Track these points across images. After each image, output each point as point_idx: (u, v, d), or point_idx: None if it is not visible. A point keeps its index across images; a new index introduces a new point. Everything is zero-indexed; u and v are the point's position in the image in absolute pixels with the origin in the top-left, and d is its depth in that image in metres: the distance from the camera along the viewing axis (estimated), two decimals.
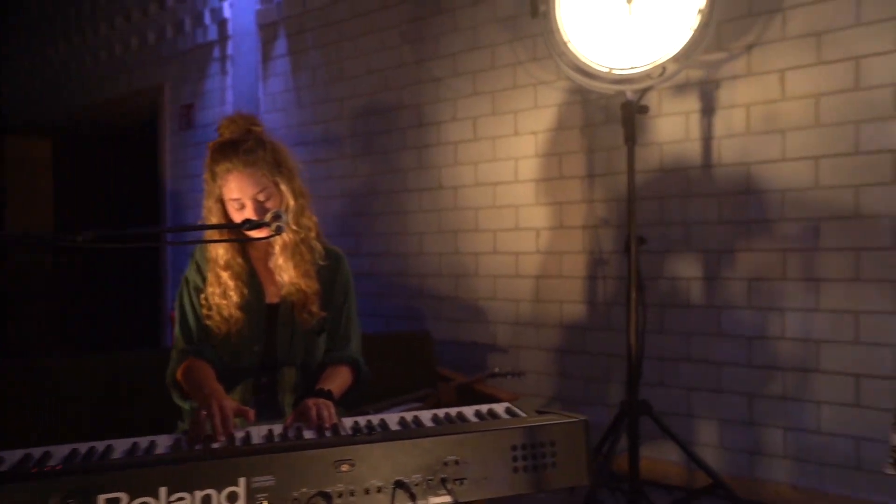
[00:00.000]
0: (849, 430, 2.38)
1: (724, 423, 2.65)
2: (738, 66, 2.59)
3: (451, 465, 1.11)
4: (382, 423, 1.30)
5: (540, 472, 1.16)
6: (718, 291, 2.66)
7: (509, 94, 3.17)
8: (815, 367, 2.45)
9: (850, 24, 2.36)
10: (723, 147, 2.64)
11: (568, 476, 1.17)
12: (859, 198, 2.36)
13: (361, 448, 1.09)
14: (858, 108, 2.35)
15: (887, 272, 2.31)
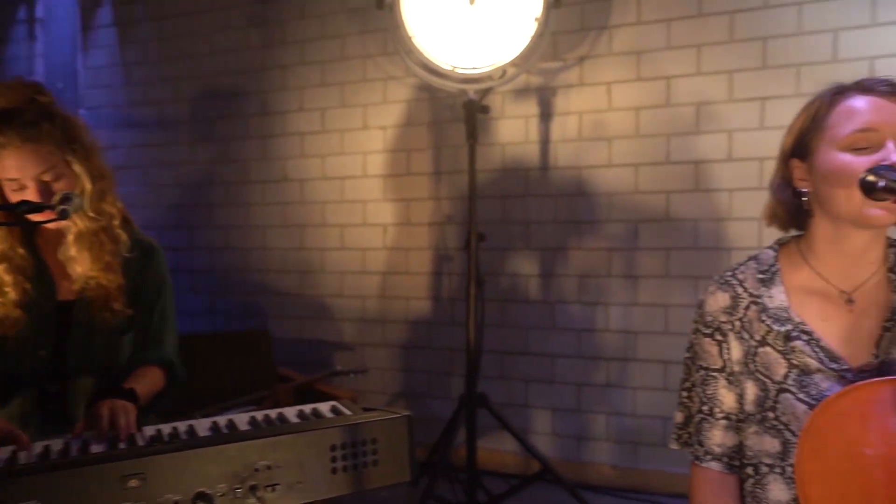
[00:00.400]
0: (659, 412, 2.72)
1: (556, 411, 2.91)
2: (572, 76, 2.85)
3: (262, 471, 1.09)
4: (190, 429, 1.23)
5: (360, 471, 1.16)
6: (553, 287, 2.91)
7: (359, 87, 3.22)
8: (633, 356, 2.77)
9: (663, 48, 2.70)
10: (558, 151, 2.89)
11: (390, 474, 1.20)
12: (669, 203, 2.71)
13: (154, 459, 1.02)
14: (669, 123, 2.70)
15: (690, 269, 2.67)
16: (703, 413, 1.16)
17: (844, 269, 1.08)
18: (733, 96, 2.63)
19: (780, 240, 1.18)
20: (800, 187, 1.09)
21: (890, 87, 1.02)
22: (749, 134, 2.60)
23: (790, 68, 2.55)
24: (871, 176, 0.95)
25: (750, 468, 1.10)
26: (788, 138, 1.11)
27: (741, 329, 1.12)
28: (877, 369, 1.02)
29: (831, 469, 0.90)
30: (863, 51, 2.45)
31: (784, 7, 2.56)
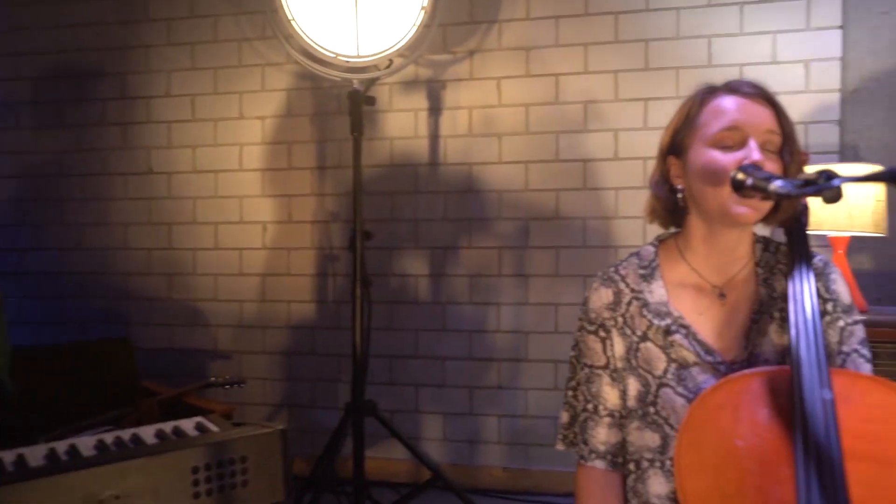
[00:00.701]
0: (550, 412, 2.77)
1: (447, 416, 2.88)
2: (462, 69, 2.84)
3: (108, 503, 1.01)
4: (19, 459, 1.12)
5: (227, 493, 1.11)
6: (443, 287, 2.88)
7: (233, 73, 3.04)
8: (524, 356, 2.81)
9: (551, 45, 2.76)
10: (448, 146, 2.87)
11: (261, 494, 1.15)
12: (559, 201, 2.77)
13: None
14: (558, 120, 2.76)
15: (579, 267, 2.75)
16: (588, 412, 1.18)
17: (717, 265, 1.13)
18: (618, 96, 2.73)
19: (659, 236, 1.22)
20: (676, 184, 1.14)
21: (754, 88, 1.09)
22: (633, 134, 2.71)
23: (670, 71, 2.68)
24: (741, 174, 0.99)
25: (632, 464, 1.13)
26: (665, 136, 1.16)
27: (623, 325, 1.15)
28: (747, 361, 1.07)
29: (707, 461, 0.93)
30: (733, 57, 2.63)
31: (664, 11, 2.68)
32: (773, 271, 1.13)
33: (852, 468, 0.86)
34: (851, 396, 0.92)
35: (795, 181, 0.88)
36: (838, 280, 1.12)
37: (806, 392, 0.91)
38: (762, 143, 1.04)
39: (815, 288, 1.03)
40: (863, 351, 1.09)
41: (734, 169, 1.01)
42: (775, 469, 0.90)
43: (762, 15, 2.61)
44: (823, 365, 0.94)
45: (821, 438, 0.88)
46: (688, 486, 0.92)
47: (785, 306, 1.08)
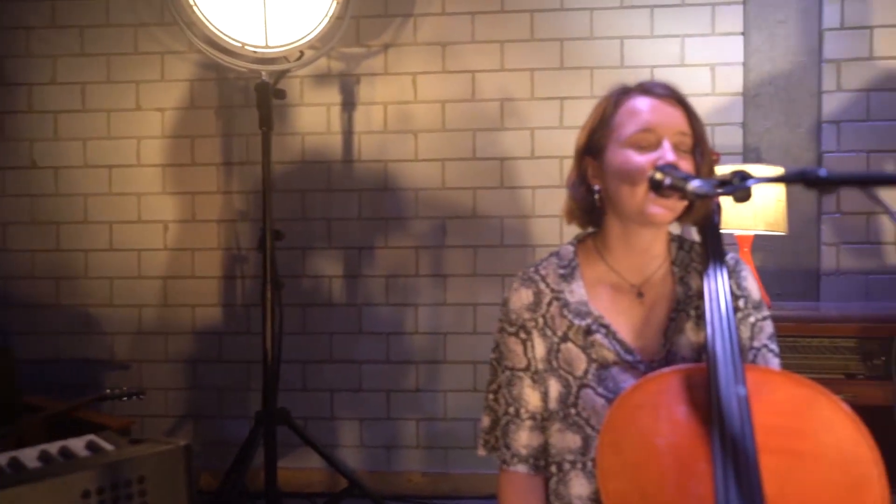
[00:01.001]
0: (469, 414, 2.76)
1: (364, 421, 2.82)
2: (377, 64, 2.78)
3: None
4: None
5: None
6: (359, 289, 2.81)
7: (129, 61, 2.85)
8: (442, 358, 2.78)
9: (467, 41, 2.75)
10: (362, 143, 2.80)
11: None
12: (476, 199, 2.76)
13: None
14: (474, 118, 2.76)
15: (497, 267, 2.75)
16: (510, 415, 1.17)
17: (634, 264, 1.15)
18: (535, 94, 2.75)
19: (578, 236, 1.24)
20: (593, 184, 1.15)
21: (666, 90, 1.12)
22: (549, 132, 2.74)
23: (584, 70, 2.73)
24: (659, 174, 1.01)
25: (553, 466, 1.13)
26: (582, 136, 1.17)
27: (544, 325, 1.15)
28: (664, 359, 1.10)
29: (627, 461, 0.94)
30: (644, 59, 2.71)
31: (578, 11, 2.73)
32: (688, 270, 1.16)
33: (765, 462, 0.89)
34: (763, 392, 0.95)
35: (712, 181, 0.90)
36: (748, 277, 1.16)
37: (722, 389, 0.94)
38: (675, 144, 1.06)
39: (729, 286, 1.06)
40: (772, 346, 1.13)
41: (650, 169, 1.03)
42: (693, 466, 0.91)
43: (671, 19, 2.70)
44: (738, 362, 0.97)
45: (736, 434, 0.90)
46: (609, 486, 0.92)
47: (700, 304, 1.11)
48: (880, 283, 2.63)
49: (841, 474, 0.87)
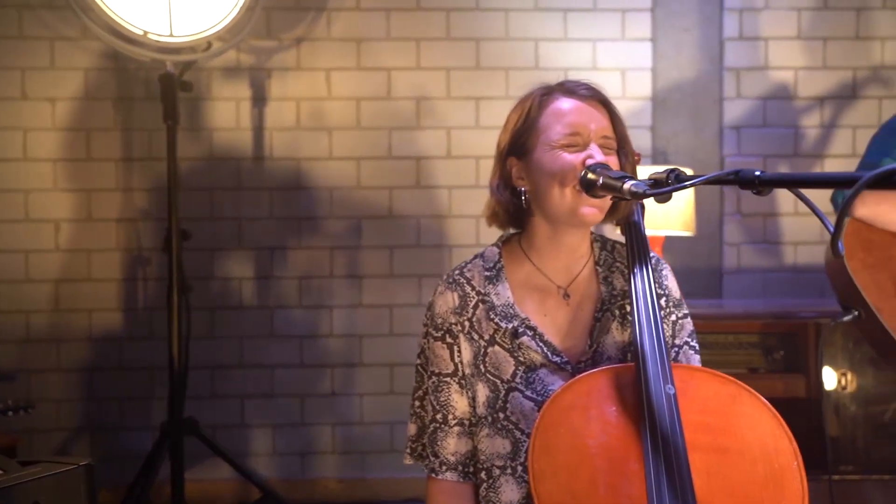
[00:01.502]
0: (386, 417, 2.73)
1: (277, 428, 2.73)
2: (289, 58, 2.70)
3: None
4: None
5: None
6: (271, 291, 2.73)
7: (13, 46, 2.64)
8: (358, 360, 2.74)
9: (383, 38, 2.71)
10: (274, 139, 2.72)
11: None
12: (392, 199, 2.74)
13: None
14: (390, 116, 2.73)
15: (413, 268, 2.74)
16: (437, 422, 1.14)
17: (561, 265, 1.14)
18: (451, 94, 2.75)
19: (502, 237, 1.21)
20: (518, 186, 1.12)
21: (589, 90, 1.12)
22: (466, 132, 2.75)
23: (500, 71, 2.76)
24: (591, 174, 1.00)
25: (483, 472, 1.10)
26: (504, 136, 1.14)
27: (470, 329, 1.12)
28: (591, 360, 1.09)
29: (559, 464, 0.93)
30: (558, 61, 2.76)
31: (493, 12, 2.75)
32: (612, 269, 1.16)
33: (693, 460, 0.90)
34: (689, 389, 0.96)
35: (646, 181, 0.89)
36: (669, 276, 1.18)
37: (651, 388, 0.94)
38: (601, 145, 1.06)
39: (654, 285, 1.07)
40: (693, 343, 1.15)
41: (580, 169, 1.02)
42: (625, 466, 0.91)
43: (583, 23, 2.77)
44: (666, 360, 0.97)
45: (666, 433, 0.91)
46: (541, 490, 0.91)
47: (624, 303, 1.12)
48: (777, 280, 2.80)
49: (764, 468, 0.90)
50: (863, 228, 1.77)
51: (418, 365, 1.19)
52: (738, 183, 0.74)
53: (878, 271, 1.79)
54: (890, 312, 1.77)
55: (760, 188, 0.72)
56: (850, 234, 1.83)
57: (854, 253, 1.80)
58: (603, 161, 1.03)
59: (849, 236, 1.83)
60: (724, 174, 0.77)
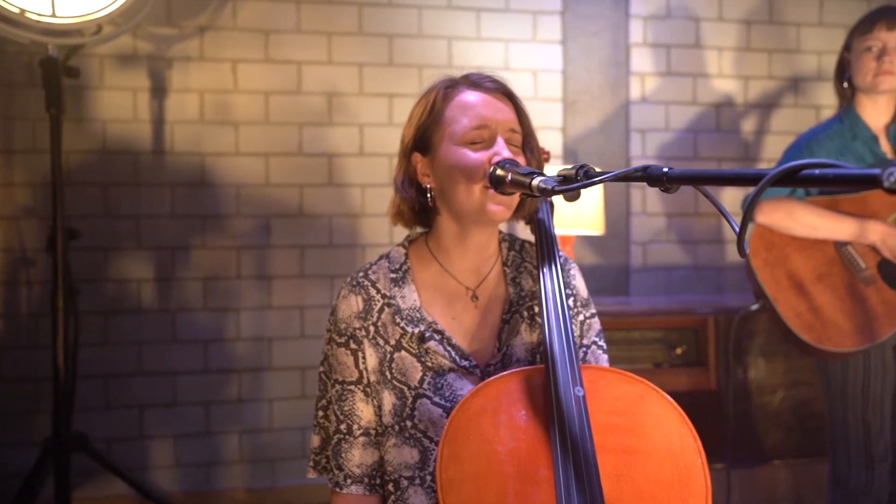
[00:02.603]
0: (297, 423, 2.63)
1: (179, 438, 2.58)
2: (192, 47, 2.56)
3: None
4: None
5: None
6: (173, 293, 2.57)
7: None
8: (268, 364, 2.62)
9: (292, 30, 2.61)
10: (176, 133, 2.56)
11: None
12: (303, 197, 2.64)
13: None
14: (300, 111, 2.63)
15: (325, 268, 2.65)
16: (342, 433, 1.07)
17: (470, 266, 1.10)
18: (363, 90, 2.68)
19: (409, 237, 1.16)
20: (424, 183, 1.07)
21: (494, 83, 1.08)
22: (378, 129, 2.69)
23: (413, 68, 2.72)
24: (500, 170, 0.96)
25: (391, 484, 1.05)
26: (408, 132, 1.09)
27: (375, 334, 1.07)
28: (500, 363, 1.05)
29: (468, 472, 0.89)
30: (471, 60, 2.75)
31: (406, 8, 2.71)
32: (520, 270, 1.13)
33: (602, 462, 0.89)
34: (597, 391, 0.95)
35: (555, 177, 0.86)
36: (577, 276, 1.15)
37: (561, 391, 0.91)
38: (507, 140, 1.02)
39: (563, 285, 1.04)
40: (600, 343, 1.13)
41: (488, 166, 0.98)
42: (534, 472, 0.88)
43: (496, 23, 2.78)
44: (575, 362, 0.95)
45: (576, 436, 0.88)
46: (450, 500, 0.86)
47: (533, 304, 1.09)
48: (679, 277, 2.91)
49: (670, 467, 0.89)
50: (765, 231, 1.93)
51: (321, 373, 1.13)
52: (647, 179, 0.72)
53: (776, 268, 1.91)
54: (784, 303, 1.90)
55: (668, 185, 0.70)
56: (756, 236, 1.96)
57: (758, 252, 1.94)
58: (510, 157, 0.99)
59: (754, 238, 1.96)
60: (632, 171, 0.74)
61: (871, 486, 1.85)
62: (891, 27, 1.80)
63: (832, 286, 1.86)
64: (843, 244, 1.87)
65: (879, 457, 1.85)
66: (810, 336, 1.85)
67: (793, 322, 1.87)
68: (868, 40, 1.83)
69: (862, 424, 1.85)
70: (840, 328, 1.84)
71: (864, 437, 1.85)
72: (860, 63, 1.85)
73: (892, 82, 1.82)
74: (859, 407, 1.85)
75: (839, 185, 0.53)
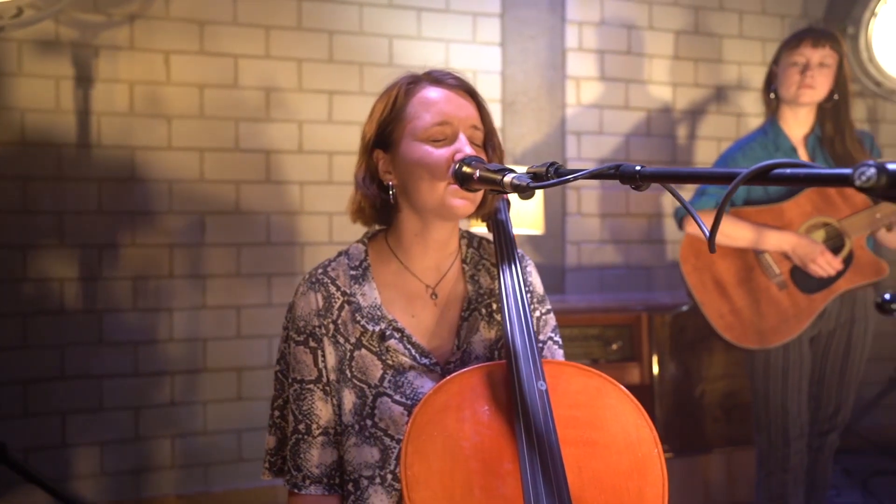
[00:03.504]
0: (233, 425, 2.55)
1: (107, 445, 2.45)
2: (120, 36, 2.44)
3: None
4: None
5: None
6: (100, 293, 2.44)
7: None
8: (202, 366, 2.53)
9: (228, 22, 2.54)
10: (103, 125, 2.44)
11: None
12: (239, 193, 2.57)
13: None
14: (237, 106, 2.55)
15: (263, 266, 2.58)
16: (300, 433, 1.04)
17: (430, 263, 1.09)
18: (303, 86, 2.63)
19: (368, 233, 1.14)
20: (385, 180, 1.06)
21: (456, 80, 1.08)
22: (318, 126, 2.64)
23: (354, 66, 2.69)
24: (467, 167, 0.96)
25: (350, 484, 1.03)
26: (370, 128, 1.07)
27: (335, 332, 1.04)
28: (460, 361, 1.06)
29: (433, 468, 0.89)
30: (412, 59, 2.75)
31: (347, 5, 2.68)
32: (479, 267, 1.13)
33: (564, 454, 0.90)
34: (558, 384, 0.96)
35: (527, 174, 0.85)
36: (533, 272, 1.17)
37: (525, 386, 0.92)
38: (469, 136, 1.02)
39: (522, 281, 1.05)
40: (556, 338, 1.15)
41: (451, 162, 0.98)
42: (499, 466, 0.89)
43: (437, 23, 2.78)
44: (537, 357, 0.96)
45: (540, 430, 0.89)
46: (415, 497, 0.86)
47: (491, 302, 1.09)
48: (612, 276, 3.01)
49: (629, 458, 0.92)
50: (694, 240, 2.05)
51: (277, 372, 1.09)
52: (619, 177, 0.73)
53: (703, 273, 2.04)
54: (709, 306, 2.03)
55: (640, 182, 0.72)
56: (685, 244, 2.08)
57: (687, 259, 2.06)
58: (473, 154, 0.99)
59: (684, 246, 2.08)
60: (605, 168, 0.75)
61: (789, 462, 1.99)
62: (815, 45, 1.93)
63: (751, 290, 1.99)
64: (760, 252, 1.99)
65: (795, 435, 1.99)
66: (731, 335, 1.99)
67: (716, 322, 2.00)
68: (794, 55, 1.95)
69: (782, 409, 1.99)
70: (757, 328, 1.97)
71: (783, 420, 1.98)
72: (786, 76, 1.97)
73: (812, 96, 1.95)
74: (780, 394, 1.98)
75: (810, 184, 0.56)
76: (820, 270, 1.90)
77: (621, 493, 0.89)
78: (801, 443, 2.00)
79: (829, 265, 1.89)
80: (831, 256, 1.90)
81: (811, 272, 1.92)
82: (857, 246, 1.96)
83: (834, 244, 1.97)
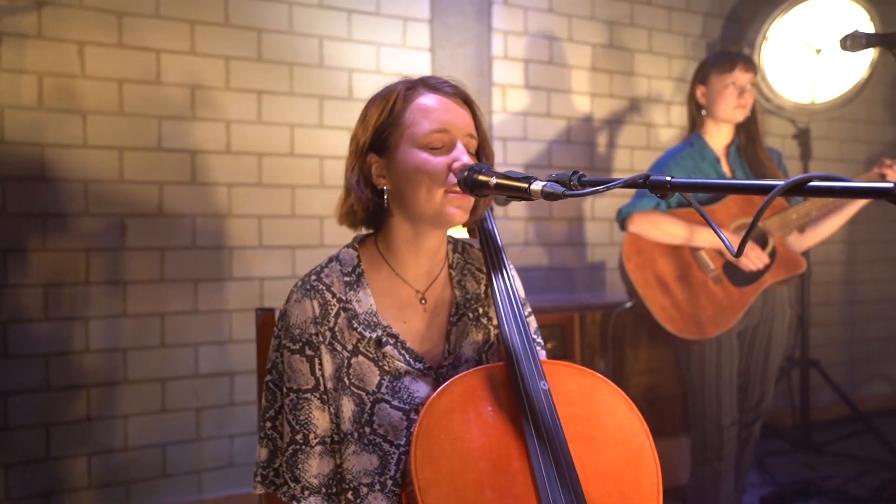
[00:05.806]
0: (157, 439, 2.41)
1: (12, 467, 2.24)
2: (27, 23, 2.24)
3: None
4: None
5: None
6: (4, 301, 2.23)
7: None
8: (122, 378, 2.37)
9: (150, 15, 2.40)
10: (8, 120, 2.23)
11: None
12: (163, 195, 2.43)
13: None
14: (160, 103, 2.42)
15: (189, 271, 2.45)
16: (297, 443, 1.02)
17: (421, 269, 1.09)
18: (230, 85, 2.53)
19: (357, 237, 1.13)
20: (379, 184, 1.05)
21: (453, 88, 1.08)
22: (247, 127, 2.55)
23: (284, 66, 2.61)
24: (482, 175, 0.94)
25: (350, 493, 1.01)
26: (363, 131, 1.06)
27: (332, 340, 1.03)
28: (451, 364, 1.07)
29: (443, 471, 0.90)
30: (343, 61, 2.71)
31: (276, 3, 2.60)
32: (465, 272, 1.14)
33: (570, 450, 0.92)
34: (555, 383, 0.98)
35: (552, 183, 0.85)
36: (515, 276, 1.18)
37: (529, 385, 0.95)
38: (464, 145, 1.03)
39: (513, 284, 1.07)
40: (538, 339, 1.18)
41: (449, 170, 0.98)
42: (507, 465, 0.91)
43: (367, 26, 2.75)
44: (536, 358, 0.98)
45: (549, 428, 0.92)
46: (429, 500, 0.86)
47: (478, 306, 1.11)
48: (537, 278, 3.09)
49: (625, 450, 0.96)
50: (636, 239, 2.16)
51: (269, 382, 1.06)
52: (650, 187, 0.76)
53: (645, 270, 2.15)
54: (652, 300, 2.14)
55: (670, 192, 0.75)
56: (628, 243, 2.18)
57: (630, 257, 2.16)
58: (472, 163, 1.00)
59: (627, 245, 2.18)
60: (635, 178, 0.77)
61: (723, 450, 2.14)
62: (746, 69, 2.11)
63: (689, 285, 2.12)
64: (696, 249, 2.13)
65: (728, 424, 2.14)
66: (673, 327, 2.10)
67: (659, 315, 2.12)
68: (730, 77, 2.10)
69: (716, 400, 2.13)
70: (696, 320, 2.10)
71: (717, 411, 2.13)
72: (723, 97, 2.12)
73: (745, 114, 2.14)
74: (714, 386, 2.12)
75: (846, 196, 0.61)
76: (750, 264, 2.06)
77: (621, 483, 0.94)
78: (732, 431, 2.15)
79: (759, 259, 2.06)
80: (759, 251, 2.07)
81: (742, 266, 2.08)
82: (779, 243, 2.14)
83: (759, 242, 2.14)
